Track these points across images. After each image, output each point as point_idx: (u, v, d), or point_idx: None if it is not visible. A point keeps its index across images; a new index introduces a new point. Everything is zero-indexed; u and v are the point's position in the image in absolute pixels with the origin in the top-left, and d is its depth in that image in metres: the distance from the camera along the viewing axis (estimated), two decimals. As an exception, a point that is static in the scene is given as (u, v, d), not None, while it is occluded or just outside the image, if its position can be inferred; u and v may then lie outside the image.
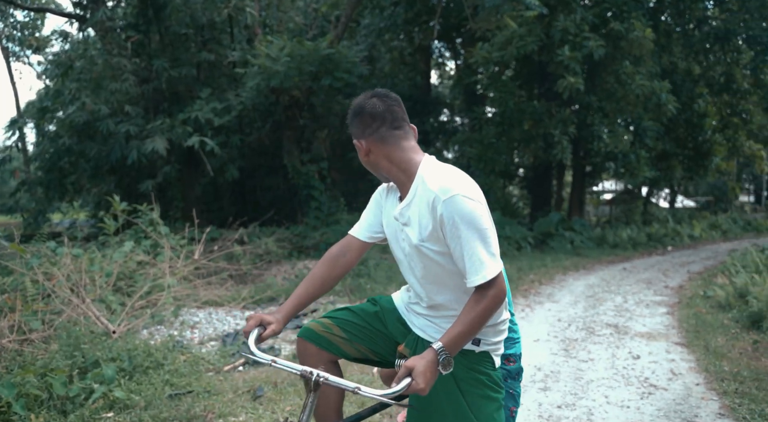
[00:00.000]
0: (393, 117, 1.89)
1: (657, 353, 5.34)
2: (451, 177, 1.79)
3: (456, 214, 1.72)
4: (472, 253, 1.72)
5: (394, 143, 1.89)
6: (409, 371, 1.64)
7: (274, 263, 9.84)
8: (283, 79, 11.33)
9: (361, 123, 1.91)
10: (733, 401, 4.04)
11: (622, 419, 3.74)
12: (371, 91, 1.96)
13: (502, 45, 11.97)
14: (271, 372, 4.48)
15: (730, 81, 17.99)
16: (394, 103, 1.91)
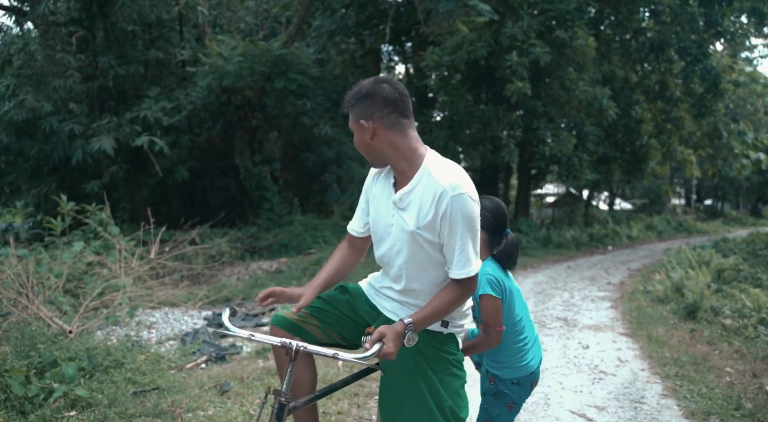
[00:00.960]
0: (405, 106, 1.95)
1: (604, 343, 5.63)
2: (459, 175, 1.90)
3: (459, 211, 1.84)
4: (463, 249, 1.88)
5: (401, 131, 1.94)
6: (381, 336, 1.82)
7: (227, 264, 9.75)
8: (235, 79, 11.24)
9: (371, 105, 1.93)
10: (674, 383, 4.34)
11: (576, 402, 3.96)
12: (379, 78, 1.99)
13: (453, 49, 12.26)
14: (237, 367, 4.49)
15: (663, 89, 18.96)
16: (405, 95, 1.97)
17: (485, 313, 2.24)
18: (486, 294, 2.22)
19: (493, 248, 2.35)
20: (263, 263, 9.94)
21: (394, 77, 25.64)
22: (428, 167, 1.92)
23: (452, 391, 2.02)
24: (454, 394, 2.02)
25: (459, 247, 1.87)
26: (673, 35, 16.77)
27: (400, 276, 2.03)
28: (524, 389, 2.42)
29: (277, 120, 13.58)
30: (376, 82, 1.97)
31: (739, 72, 24.37)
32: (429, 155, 1.97)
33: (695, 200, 39.37)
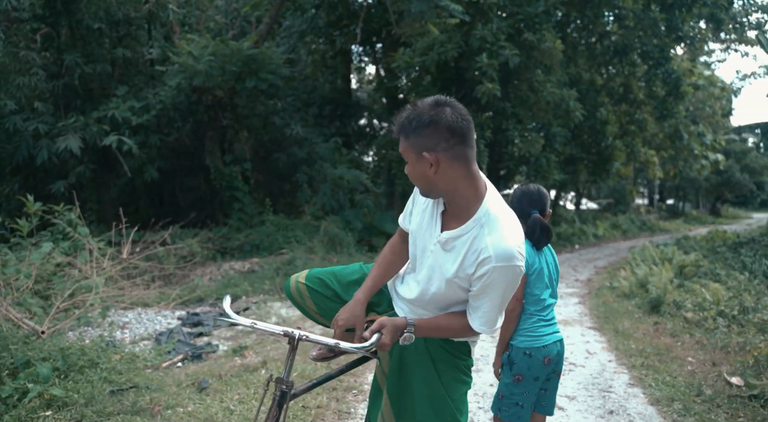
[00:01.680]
0: (471, 135, 1.78)
1: (573, 336, 5.81)
2: (512, 241, 1.75)
3: (500, 280, 1.75)
4: (490, 310, 1.82)
5: (465, 165, 1.77)
6: (380, 327, 1.84)
7: (199, 264, 9.67)
8: (205, 78, 11.14)
9: (435, 135, 1.74)
10: (640, 373, 4.52)
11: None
12: (440, 99, 1.80)
13: (424, 51, 12.39)
14: (214, 365, 4.50)
15: (627, 92, 19.47)
16: (471, 123, 1.80)
17: None
18: None
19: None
20: (235, 263, 9.90)
21: (365, 78, 25.79)
22: (482, 218, 1.79)
23: (456, 396, 2.00)
24: (458, 399, 2.00)
25: (487, 307, 1.82)
26: (636, 39, 17.24)
27: (421, 296, 1.97)
28: (535, 363, 2.44)
29: (248, 120, 13.50)
30: (437, 106, 1.78)
31: (698, 76, 25.17)
32: (488, 199, 1.82)
33: (658, 200, 40.47)
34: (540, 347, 2.45)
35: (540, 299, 2.49)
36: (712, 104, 27.95)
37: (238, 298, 7.66)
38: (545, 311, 2.51)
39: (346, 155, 14.82)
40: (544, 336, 2.47)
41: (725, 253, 12.68)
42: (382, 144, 16.41)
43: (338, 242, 11.22)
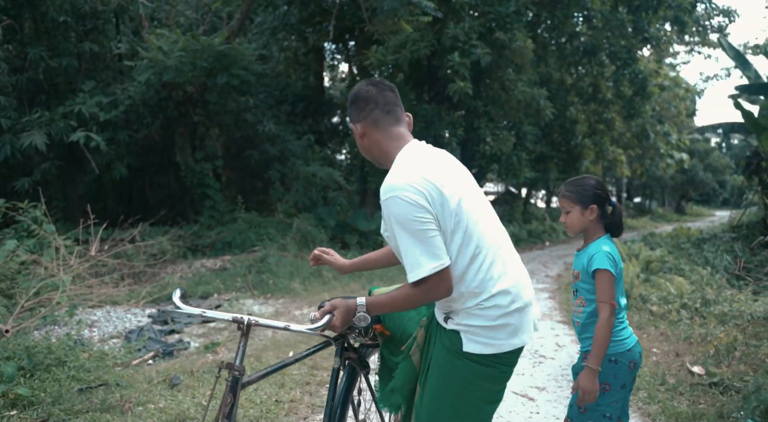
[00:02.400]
0: (385, 101, 1.93)
1: (544, 330, 5.92)
2: (398, 175, 1.78)
3: (392, 215, 1.76)
4: (407, 253, 1.75)
5: (385, 128, 1.92)
6: (332, 308, 1.89)
7: (170, 262, 9.55)
8: (175, 73, 10.99)
9: (356, 108, 1.96)
10: (608, 365, 4.63)
11: (519, 384, 4.17)
12: (367, 80, 2.01)
13: (397, 48, 12.43)
14: (186, 362, 4.47)
15: (596, 91, 19.84)
16: (386, 89, 1.96)
17: (600, 288, 2.23)
18: (603, 269, 2.23)
19: (604, 222, 2.38)
20: (207, 261, 9.80)
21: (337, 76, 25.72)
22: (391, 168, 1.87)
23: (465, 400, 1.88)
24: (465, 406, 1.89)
25: (404, 251, 1.76)
26: (605, 40, 17.58)
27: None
28: (622, 369, 2.26)
29: (220, 116, 13.37)
30: (359, 85, 1.98)
31: (663, 77, 25.77)
32: (400, 152, 1.89)
33: (626, 198, 41.27)
34: (624, 351, 2.28)
35: (619, 302, 2.31)
36: (677, 105, 28.62)
37: (209, 295, 7.60)
38: (622, 313, 2.35)
39: (319, 152, 14.78)
40: (627, 339, 2.32)
41: (689, 249, 13.04)
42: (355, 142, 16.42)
43: (311, 239, 11.20)
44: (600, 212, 2.36)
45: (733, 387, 3.83)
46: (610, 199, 2.40)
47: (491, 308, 1.81)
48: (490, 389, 1.87)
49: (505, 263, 1.86)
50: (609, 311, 2.19)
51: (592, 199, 2.37)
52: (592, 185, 2.40)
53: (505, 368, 1.88)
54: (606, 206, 2.38)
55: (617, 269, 2.27)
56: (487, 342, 1.82)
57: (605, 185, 2.43)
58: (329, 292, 7.79)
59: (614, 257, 2.27)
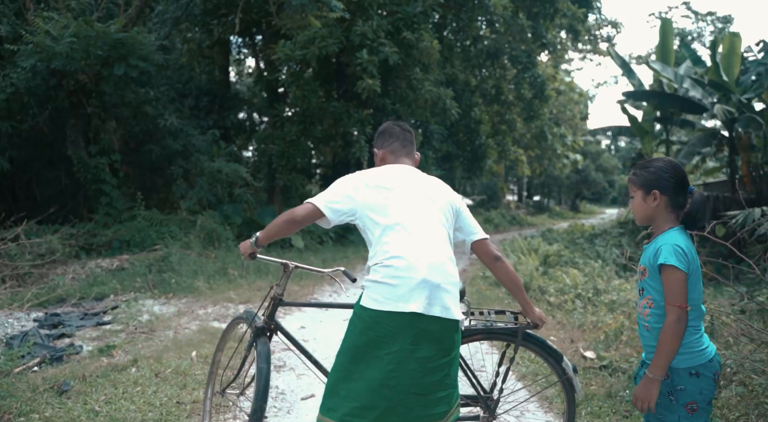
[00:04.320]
0: (404, 138, 2.57)
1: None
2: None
3: None
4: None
5: (397, 158, 2.53)
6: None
7: (60, 262, 8.90)
8: (66, 61, 10.23)
9: (380, 138, 2.60)
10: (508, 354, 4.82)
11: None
12: (394, 121, 2.67)
13: (305, 44, 12.30)
14: (77, 367, 4.17)
15: (499, 93, 20.68)
16: (407, 131, 2.60)
17: (668, 287, 1.94)
18: (669, 265, 1.93)
19: (678, 211, 2.06)
20: (102, 260, 9.22)
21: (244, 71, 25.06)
22: None
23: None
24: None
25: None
26: (507, 44, 18.36)
27: None
28: (706, 382, 1.96)
29: (117, 109, 12.60)
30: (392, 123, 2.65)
31: (560, 81, 27.31)
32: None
33: (526, 197, 43.34)
34: (706, 362, 1.98)
35: (698, 305, 2.01)
36: (572, 108, 30.41)
37: (105, 297, 7.16)
38: (701, 320, 2.03)
39: (225, 148, 14.34)
40: (707, 348, 2.00)
41: (582, 244, 13.92)
42: (263, 138, 16.09)
43: (216, 237, 10.85)
44: (666, 199, 2.04)
45: (620, 368, 4.12)
46: (684, 185, 2.06)
47: (388, 268, 2.10)
48: (374, 352, 2.06)
49: (418, 244, 2.15)
50: (677, 314, 1.90)
51: (656, 184, 2.05)
52: (659, 168, 2.06)
53: (386, 331, 2.05)
54: (676, 193, 2.05)
55: (691, 267, 1.95)
56: (375, 297, 2.09)
57: (680, 168, 2.08)
58: (235, 290, 7.58)
59: (686, 252, 1.94)
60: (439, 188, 2.41)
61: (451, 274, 2.17)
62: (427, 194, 2.33)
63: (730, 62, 13.69)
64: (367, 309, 2.09)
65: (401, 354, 2.04)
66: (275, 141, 14.77)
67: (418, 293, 2.06)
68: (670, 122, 16.03)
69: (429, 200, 2.31)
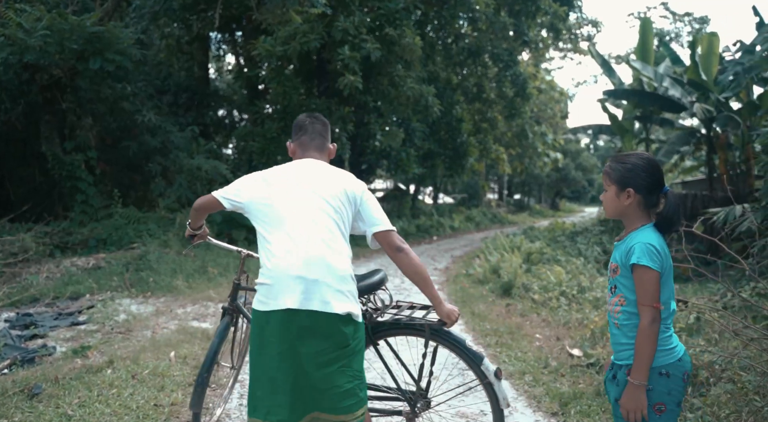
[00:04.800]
0: (313, 131, 2.53)
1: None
2: None
3: None
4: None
5: (305, 152, 2.52)
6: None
7: (34, 261, 8.65)
8: (39, 55, 9.97)
9: (294, 131, 2.59)
10: (495, 351, 4.77)
11: (410, 374, 4.17)
12: (307, 113, 2.61)
13: (286, 40, 12.14)
14: (50, 369, 4.01)
15: (480, 91, 20.66)
16: (317, 123, 2.56)
17: (641, 287, 1.88)
18: (641, 265, 1.87)
19: (651, 210, 1.99)
20: (78, 259, 8.98)
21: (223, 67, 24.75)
22: None
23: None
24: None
25: None
26: (488, 42, 18.35)
27: None
28: (675, 382, 1.91)
29: (93, 104, 12.30)
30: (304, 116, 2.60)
31: (540, 80, 27.44)
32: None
33: (506, 195, 43.54)
34: (675, 361, 1.92)
35: (668, 304, 1.95)
36: (553, 107, 30.58)
37: (81, 296, 6.96)
38: (671, 319, 1.98)
39: (204, 145, 14.11)
40: (676, 347, 1.95)
41: (564, 241, 13.96)
42: (243, 135, 15.88)
43: (195, 235, 10.65)
44: (640, 198, 1.96)
45: (608, 365, 4.08)
46: (660, 184, 1.98)
47: (267, 269, 2.17)
48: (268, 351, 2.12)
49: (295, 241, 2.17)
50: (652, 315, 1.86)
51: (631, 181, 1.97)
52: (636, 165, 1.98)
53: (270, 330, 2.12)
54: (650, 192, 1.97)
55: (664, 266, 1.90)
56: (259, 298, 2.17)
57: (657, 166, 1.99)
58: (215, 289, 7.43)
59: (659, 251, 1.89)
60: (333, 180, 2.36)
61: (335, 267, 2.15)
62: (314, 188, 2.30)
63: (709, 62, 13.85)
64: (256, 312, 2.17)
65: (290, 351, 2.10)
66: (255, 138, 14.58)
67: (292, 289, 2.09)
68: (650, 121, 16.17)
69: (315, 194, 2.28)
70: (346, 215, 2.30)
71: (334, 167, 2.47)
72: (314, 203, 2.25)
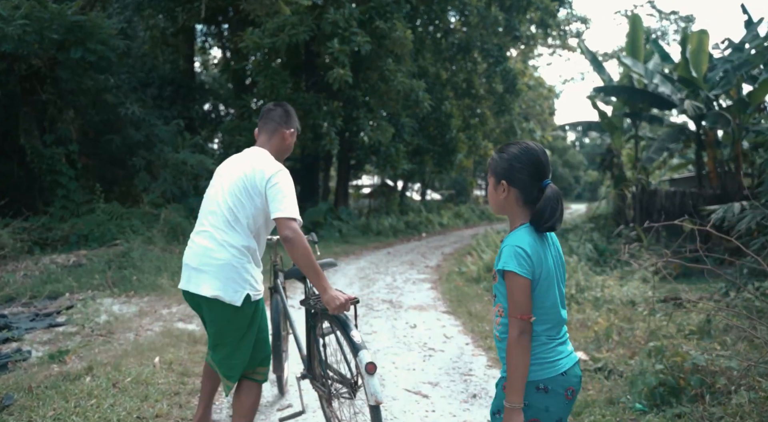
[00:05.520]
0: (267, 117, 2.75)
1: (430, 321, 5.80)
2: None
3: None
4: None
5: (258, 139, 2.76)
6: None
7: (11, 258, 8.31)
8: (17, 44, 9.59)
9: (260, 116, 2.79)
10: (496, 354, 4.56)
11: (410, 380, 3.96)
12: (275, 102, 2.81)
13: (274, 32, 11.85)
14: (23, 376, 3.74)
15: (470, 87, 20.49)
16: (277, 109, 2.76)
17: (509, 296, 1.68)
18: (508, 271, 1.68)
19: (533, 206, 1.75)
20: (57, 256, 8.65)
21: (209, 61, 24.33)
22: None
23: None
24: None
25: None
26: (478, 37, 18.16)
27: None
28: (555, 398, 1.70)
29: (74, 96, 11.92)
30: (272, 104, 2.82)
31: (529, 76, 27.34)
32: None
33: (493, 192, 43.38)
34: (557, 375, 1.71)
35: (551, 312, 1.73)
36: (542, 103, 30.54)
37: (60, 295, 6.65)
38: (557, 329, 1.76)
39: (190, 139, 13.77)
40: (561, 360, 1.73)
41: (551, 238, 13.83)
42: (229, 129, 15.54)
43: (181, 231, 10.35)
44: (516, 193, 1.75)
45: (617, 370, 3.89)
46: (539, 177, 1.75)
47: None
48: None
49: (197, 232, 2.57)
50: (519, 328, 1.65)
51: (505, 173, 1.76)
52: (512, 155, 1.76)
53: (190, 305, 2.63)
54: (528, 186, 1.75)
55: (536, 271, 1.69)
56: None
57: (536, 156, 1.75)
58: (201, 288, 7.15)
59: (529, 255, 1.67)
60: (239, 170, 2.55)
61: (213, 257, 2.44)
62: (223, 180, 2.57)
63: (698, 59, 13.80)
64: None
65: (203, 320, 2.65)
66: (242, 132, 14.25)
67: (184, 274, 2.55)
68: (639, 118, 16.09)
69: (221, 186, 2.56)
70: (244, 203, 2.48)
71: (255, 154, 2.62)
72: (218, 196, 2.54)
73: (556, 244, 1.83)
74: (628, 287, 6.29)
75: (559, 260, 1.80)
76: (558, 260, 1.79)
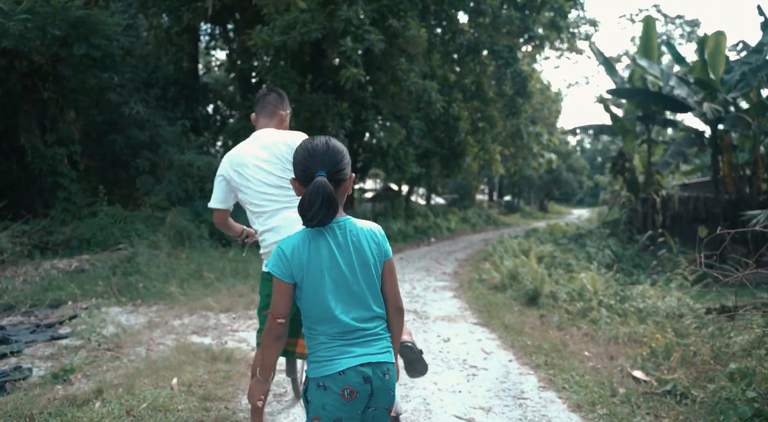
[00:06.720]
0: (264, 101, 2.89)
1: (463, 334, 5.38)
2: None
3: None
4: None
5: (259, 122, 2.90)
6: None
7: (10, 263, 7.88)
8: (19, 40, 9.20)
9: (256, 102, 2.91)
10: (546, 373, 4.15)
11: (458, 404, 3.54)
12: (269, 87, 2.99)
13: (285, 29, 11.46)
14: (24, 399, 3.30)
15: (479, 89, 20.07)
16: (271, 94, 2.91)
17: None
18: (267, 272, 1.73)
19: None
20: (59, 261, 8.22)
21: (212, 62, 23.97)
22: None
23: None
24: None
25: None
26: (488, 38, 17.77)
27: None
28: (332, 397, 1.67)
29: (77, 95, 11.52)
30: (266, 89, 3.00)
31: (536, 79, 26.99)
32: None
33: (498, 196, 43.08)
34: (334, 374, 1.68)
35: (327, 314, 1.70)
36: (549, 106, 30.20)
37: (62, 303, 6.22)
38: (339, 330, 1.71)
39: (196, 140, 13.36)
40: (342, 359, 1.69)
41: (567, 244, 13.42)
42: (235, 131, 15.12)
43: (187, 235, 9.94)
44: (302, 189, 1.73)
45: (690, 394, 3.47)
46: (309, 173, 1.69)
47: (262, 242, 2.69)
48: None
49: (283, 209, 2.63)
50: (267, 325, 1.75)
51: (294, 167, 1.77)
52: (296, 150, 1.76)
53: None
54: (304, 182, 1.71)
55: (294, 273, 1.69)
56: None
57: (312, 148, 1.69)
58: (213, 296, 6.73)
59: (287, 256, 1.68)
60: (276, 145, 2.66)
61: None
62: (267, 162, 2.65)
63: (716, 61, 13.47)
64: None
65: None
66: (248, 134, 13.83)
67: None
68: (653, 121, 15.71)
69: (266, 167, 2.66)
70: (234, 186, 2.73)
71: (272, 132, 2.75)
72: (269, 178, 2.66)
73: (357, 242, 1.74)
74: (670, 298, 5.87)
75: (358, 259, 1.72)
76: (349, 260, 1.72)
